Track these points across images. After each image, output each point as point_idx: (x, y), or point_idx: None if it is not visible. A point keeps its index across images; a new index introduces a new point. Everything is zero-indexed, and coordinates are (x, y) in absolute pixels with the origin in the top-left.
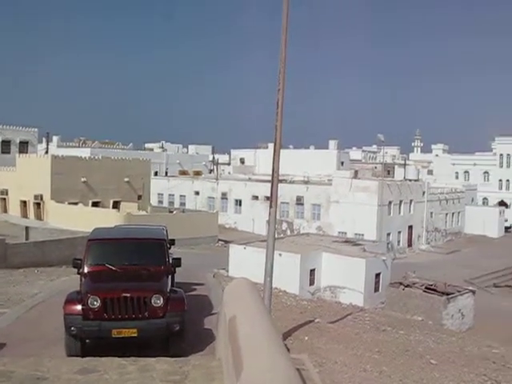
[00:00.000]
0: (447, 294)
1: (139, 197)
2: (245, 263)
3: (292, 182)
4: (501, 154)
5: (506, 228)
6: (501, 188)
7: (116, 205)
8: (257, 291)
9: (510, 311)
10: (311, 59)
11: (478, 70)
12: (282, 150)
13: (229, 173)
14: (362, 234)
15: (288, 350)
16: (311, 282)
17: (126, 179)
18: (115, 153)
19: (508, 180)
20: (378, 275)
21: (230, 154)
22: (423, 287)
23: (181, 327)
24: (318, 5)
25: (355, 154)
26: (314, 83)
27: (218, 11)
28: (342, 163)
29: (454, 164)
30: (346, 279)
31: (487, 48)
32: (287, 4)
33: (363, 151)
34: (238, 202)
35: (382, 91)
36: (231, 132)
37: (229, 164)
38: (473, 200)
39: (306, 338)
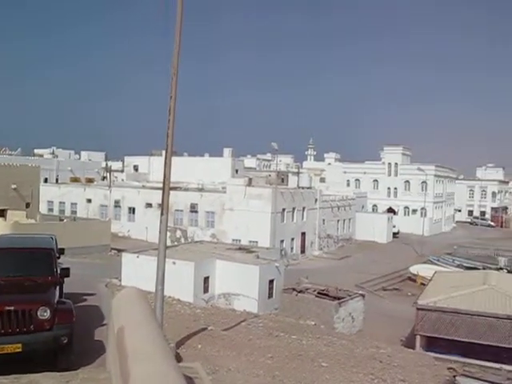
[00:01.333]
0: (338, 299)
1: (27, 205)
2: (138, 272)
3: (186, 190)
4: (388, 163)
5: (394, 234)
6: (389, 195)
7: (2, 213)
8: (146, 300)
9: (397, 313)
10: (208, 69)
11: (363, 80)
12: (176, 158)
13: (122, 180)
14: (256, 241)
15: (181, 358)
16: (205, 290)
17: (14, 186)
18: (2, 158)
19: (396, 188)
20: (271, 281)
21: (123, 160)
22: (315, 292)
23: (69, 340)
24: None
25: (250, 162)
26: (211, 93)
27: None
28: (237, 171)
29: (345, 172)
30: (240, 286)
31: (369, 53)
32: (181, 14)
33: (258, 159)
34: (132, 210)
35: (276, 100)
36: (125, 139)
37: (122, 171)
38: (363, 207)
39: (200, 345)
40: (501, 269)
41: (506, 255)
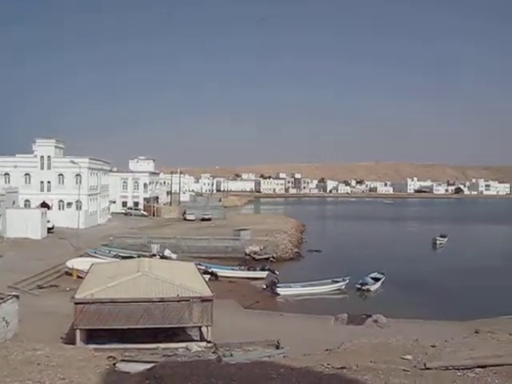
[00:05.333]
0: None
1: None
2: None
3: None
4: (41, 156)
5: (49, 229)
6: (42, 190)
7: None
8: None
9: (56, 310)
10: None
11: None
12: None
13: None
14: None
15: None
16: None
17: None
18: None
19: (49, 182)
20: None
21: None
22: None
23: None
24: None
25: None
26: None
27: None
28: None
29: None
30: None
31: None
32: None
33: None
34: None
35: None
36: None
37: None
38: (14, 203)
39: None
40: (154, 255)
41: (159, 242)
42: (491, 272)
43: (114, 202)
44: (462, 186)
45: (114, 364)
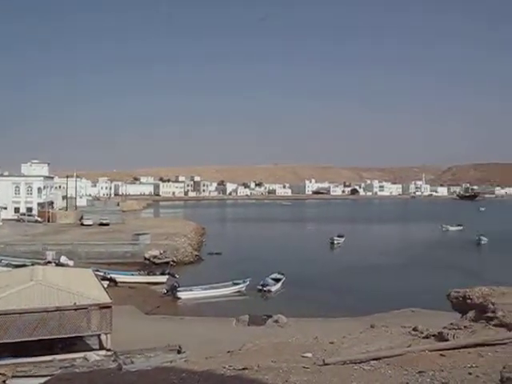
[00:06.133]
0: None
1: None
2: None
3: None
4: None
5: None
6: None
7: None
8: None
9: None
10: None
11: None
12: None
13: None
14: None
15: None
16: None
17: None
18: None
19: None
20: None
21: None
22: None
23: None
24: None
25: None
26: None
27: None
28: None
29: None
30: None
31: None
32: None
33: None
34: None
35: None
36: None
37: None
38: None
39: None
40: (49, 263)
41: (54, 249)
42: (385, 269)
43: (5, 208)
44: (357, 187)
45: (4, 381)
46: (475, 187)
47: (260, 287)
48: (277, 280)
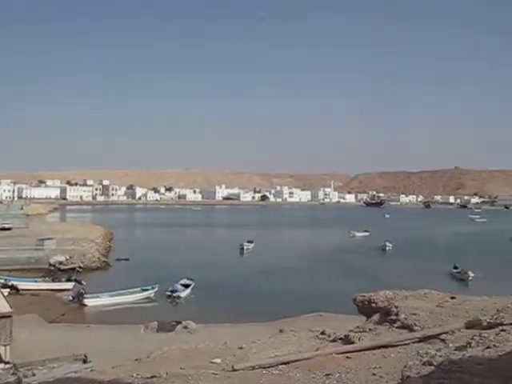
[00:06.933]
0: None
1: None
2: None
3: None
4: None
5: None
6: None
7: None
8: None
9: None
10: None
11: None
12: None
13: None
14: None
15: None
16: None
17: None
18: None
19: None
20: None
21: None
22: None
23: None
24: None
25: None
26: None
27: None
28: None
29: None
30: None
31: None
32: None
33: None
34: None
35: None
36: None
37: None
38: None
39: None
40: None
41: None
42: (294, 274)
43: None
44: (267, 194)
45: None
46: (381, 195)
47: (169, 293)
48: (186, 286)
